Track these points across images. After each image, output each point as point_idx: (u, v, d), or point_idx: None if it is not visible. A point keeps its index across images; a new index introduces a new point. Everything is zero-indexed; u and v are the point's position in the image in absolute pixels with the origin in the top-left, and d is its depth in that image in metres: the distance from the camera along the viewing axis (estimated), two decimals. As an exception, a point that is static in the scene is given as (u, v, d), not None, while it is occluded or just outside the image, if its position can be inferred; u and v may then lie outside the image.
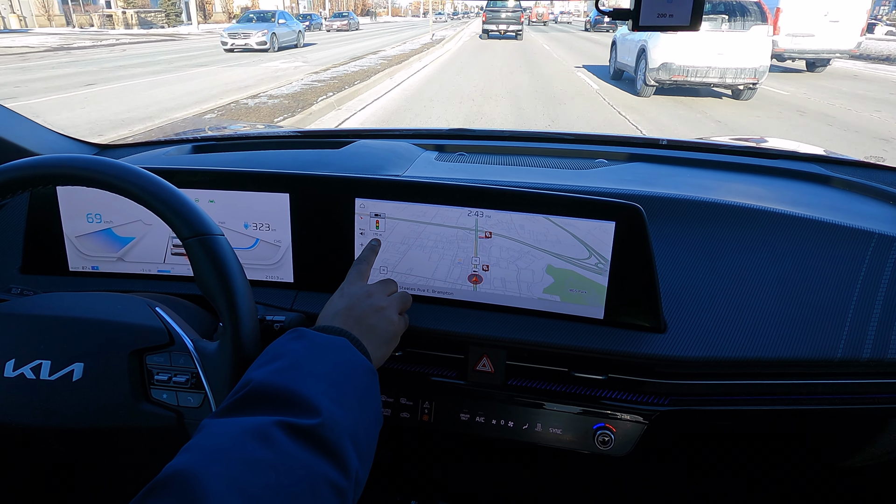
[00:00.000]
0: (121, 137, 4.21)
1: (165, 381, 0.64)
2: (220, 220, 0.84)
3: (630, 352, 0.74)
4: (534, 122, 7.23)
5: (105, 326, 0.65)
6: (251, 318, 0.61)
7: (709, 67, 8.28)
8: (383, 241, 0.80)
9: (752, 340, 0.74)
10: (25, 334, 0.65)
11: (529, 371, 0.81)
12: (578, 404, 0.79)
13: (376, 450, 0.55)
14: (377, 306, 0.66)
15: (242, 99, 8.20)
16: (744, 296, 0.78)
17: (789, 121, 7.39)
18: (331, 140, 1.25)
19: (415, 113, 7.79)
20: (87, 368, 0.63)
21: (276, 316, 0.73)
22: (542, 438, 0.81)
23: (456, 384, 0.82)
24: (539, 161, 1.15)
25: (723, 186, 1.00)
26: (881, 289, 0.77)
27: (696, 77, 8.42)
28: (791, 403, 0.77)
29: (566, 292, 0.76)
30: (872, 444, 0.83)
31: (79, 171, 0.59)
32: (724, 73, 8.29)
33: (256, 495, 0.41)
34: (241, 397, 0.49)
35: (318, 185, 0.82)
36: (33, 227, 0.89)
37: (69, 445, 0.66)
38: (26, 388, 0.62)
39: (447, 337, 0.80)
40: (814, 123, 7.21)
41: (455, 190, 0.77)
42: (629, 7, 0.66)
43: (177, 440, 0.63)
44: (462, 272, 0.79)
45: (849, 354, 0.73)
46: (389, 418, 0.85)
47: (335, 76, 10.64)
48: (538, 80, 11.19)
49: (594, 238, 0.73)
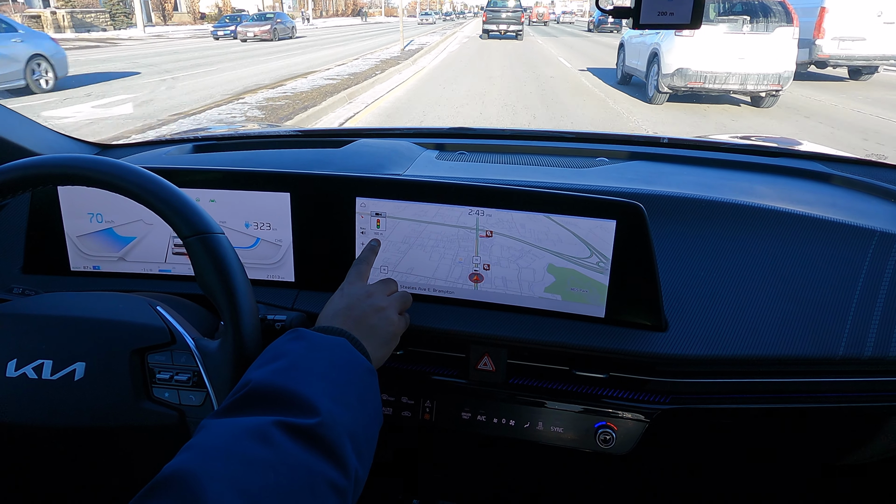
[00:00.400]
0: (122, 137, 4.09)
1: (167, 379, 0.64)
2: (220, 220, 0.84)
3: (631, 350, 0.74)
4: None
5: (106, 326, 0.65)
6: (252, 316, 0.61)
7: (728, 73, 7.53)
8: (384, 241, 0.80)
9: (754, 338, 0.74)
10: (27, 334, 0.65)
11: (531, 370, 0.81)
12: (580, 403, 0.79)
13: (377, 449, 0.55)
14: (377, 306, 0.66)
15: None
16: (745, 294, 0.78)
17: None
18: (331, 139, 1.26)
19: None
20: (89, 368, 0.63)
21: (278, 315, 0.73)
22: (544, 437, 0.81)
23: (457, 383, 0.82)
24: (540, 160, 1.15)
25: (724, 184, 1.00)
26: (883, 287, 0.77)
27: (715, 84, 7.66)
28: (792, 402, 0.77)
29: (567, 291, 0.76)
30: (873, 442, 0.83)
31: (80, 170, 0.59)
32: (746, 79, 7.55)
33: (256, 495, 0.41)
34: (241, 397, 0.49)
35: (318, 184, 0.82)
36: (34, 227, 0.89)
37: (71, 445, 0.66)
38: (28, 387, 0.62)
39: (448, 336, 0.80)
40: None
41: (456, 189, 0.77)
42: (630, 5, 0.66)
43: (178, 439, 0.63)
44: (463, 271, 0.79)
45: (850, 352, 0.73)
46: (391, 417, 0.85)
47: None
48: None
49: (595, 237, 0.73)
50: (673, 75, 7.73)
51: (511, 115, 7.67)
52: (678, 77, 7.72)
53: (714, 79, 7.63)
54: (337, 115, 7.63)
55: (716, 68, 7.57)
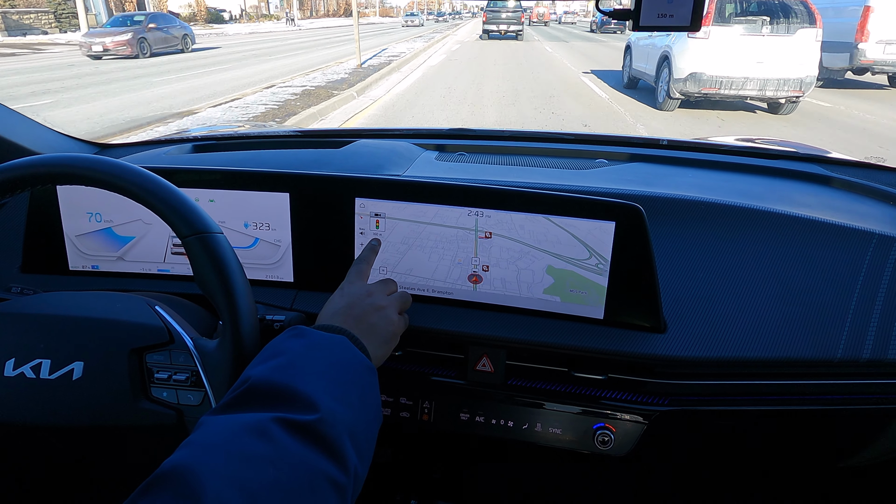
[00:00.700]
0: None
1: (165, 379, 0.64)
2: (220, 220, 0.84)
3: (630, 352, 0.74)
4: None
5: (105, 325, 0.65)
6: (251, 315, 0.61)
7: (746, 78, 6.93)
8: (383, 241, 0.80)
9: (752, 340, 0.74)
10: (25, 333, 0.65)
11: (529, 371, 0.81)
12: (578, 404, 0.79)
13: (376, 449, 0.55)
14: (377, 305, 0.66)
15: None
16: (743, 296, 0.78)
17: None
18: (331, 140, 1.25)
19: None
20: (87, 367, 0.63)
21: (276, 315, 0.73)
22: (542, 438, 0.81)
23: (456, 384, 0.82)
24: (539, 161, 1.15)
25: (723, 186, 1.00)
26: (881, 289, 0.77)
27: (731, 90, 7.06)
28: (790, 404, 0.77)
29: (566, 293, 0.76)
30: (871, 444, 0.83)
31: (79, 170, 0.59)
32: (765, 84, 6.95)
33: (254, 491, 0.41)
34: (240, 394, 0.49)
35: (318, 184, 0.82)
36: (33, 227, 0.89)
37: (69, 444, 0.66)
38: (26, 387, 0.62)
39: (447, 336, 0.80)
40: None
41: (455, 190, 0.77)
42: (629, 7, 0.66)
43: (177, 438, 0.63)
44: (462, 272, 0.79)
45: (849, 355, 0.73)
46: (389, 418, 0.85)
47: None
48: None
49: (594, 238, 0.73)
50: (686, 80, 7.18)
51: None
52: (691, 82, 7.16)
53: (730, 84, 7.05)
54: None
55: (732, 73, 6.98)
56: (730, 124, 7.15)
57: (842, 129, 6.83)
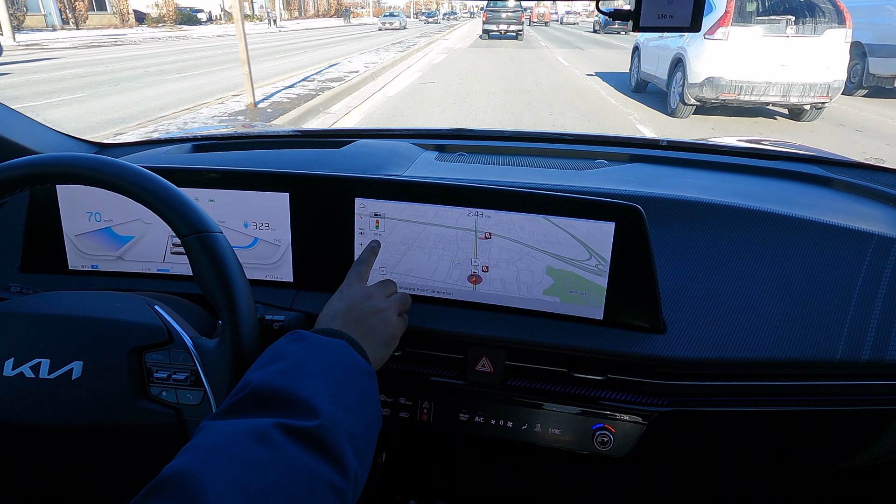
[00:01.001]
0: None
1: (165, 378, 0.64)
2: (219, 220, 0.84)
3: (629, 352, 0.74)
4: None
5: (104, 325, 0.65)
6: (250, 315, 0.61)
7: (768, 83, 6.29)
8: (383, 242, 0.80)
9: (752, 341, 0.74)
10: (25, 333, 0.65)
11: (529, 371, 0.81)
12: (578, 405, 0.79)
13: (376, 450, 0.55)
14: (376, 308, 0.66)
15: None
16: (743, 297, 0.78)
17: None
18: (331, 140, 1.25)
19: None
20: (87, 366, 0.63)
21: (276, 315, 0.73)
22: (542, 439, 0.81)
23: (455, 384, 0.82)
24: (539, 161, 1.15)
25: (723, 187, 1.00)
26: (880, 290, 0.77)
27: (752, 95, 6.40)
28: (790, 405, 0.77)
29: (566, 293, 0.76)
30: (870, 445, 0.83)
31: (79, 169, 0.59)
32: (789, 90, 6.31)
33: (255, 496, 0.41)
34: (241, 399, 0.49)
35: (317, 184, 0.82)
36: (33, 226, 0.89)
37: (69, 443, 0.66)
38: (26, 386, 0.62)
39: (446, 337, 0.80)
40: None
41: (455, 190, 0.77)
42: (630, 8, 0.66)
43: (176, 438, 0.63)
44: (462, 273, 0.79)
45: (848, 356, 0.73)
46: (389, 418, 0.85)
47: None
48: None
49: (594, 239, 0.73)
50: (702, 85, 6.51)
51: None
52: (708, 88, 6.49)
53: (751, 90, 6.39)
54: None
55: (754, 77, 6.32)
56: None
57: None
